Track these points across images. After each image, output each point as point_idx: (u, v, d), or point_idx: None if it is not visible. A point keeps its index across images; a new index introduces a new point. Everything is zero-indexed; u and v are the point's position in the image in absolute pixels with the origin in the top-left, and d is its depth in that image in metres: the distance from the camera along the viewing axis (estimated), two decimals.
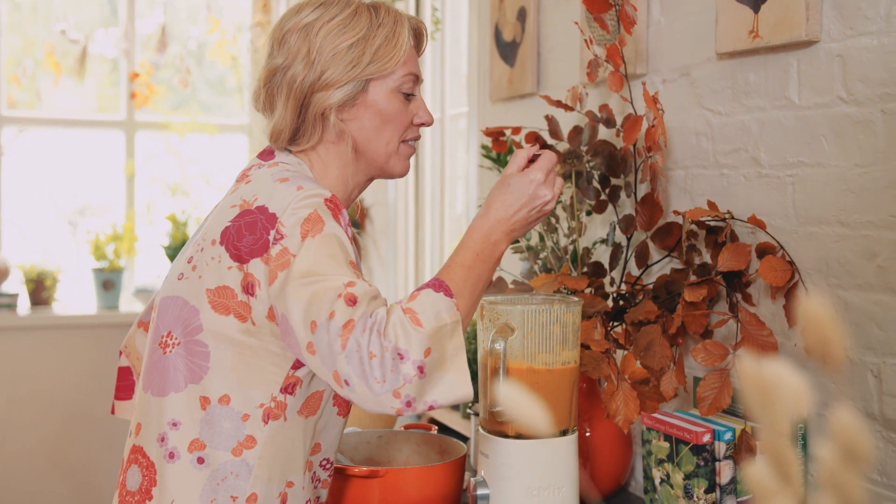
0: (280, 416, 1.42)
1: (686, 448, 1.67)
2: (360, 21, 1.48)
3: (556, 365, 1.66)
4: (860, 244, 1.58)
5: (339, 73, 1.46)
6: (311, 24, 1.47)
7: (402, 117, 1.53)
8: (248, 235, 1.37)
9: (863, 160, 1.57)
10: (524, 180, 1.46)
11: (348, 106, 1.49)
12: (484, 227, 1.45)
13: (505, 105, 2.71)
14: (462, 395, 1.31)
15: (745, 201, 1.82)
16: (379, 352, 1.25)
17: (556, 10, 2.46)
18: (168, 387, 1.43)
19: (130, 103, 4.74)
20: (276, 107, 1.50)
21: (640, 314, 1.83)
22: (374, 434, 1.99)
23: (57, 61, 4.63)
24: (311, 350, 1.30)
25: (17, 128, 4.62)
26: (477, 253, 1.42)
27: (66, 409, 4.28)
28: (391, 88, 1.50)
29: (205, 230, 1.46)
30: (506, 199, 1.46)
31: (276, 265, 1.33)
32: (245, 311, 1.38)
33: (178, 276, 1.46)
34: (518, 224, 1.46)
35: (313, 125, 1.48)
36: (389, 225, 3.81)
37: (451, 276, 1.39)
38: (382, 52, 1.48)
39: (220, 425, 1.40)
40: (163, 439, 1.42)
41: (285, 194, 1.38)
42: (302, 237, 1.33)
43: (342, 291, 1.29)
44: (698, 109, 1.94)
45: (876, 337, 1.56)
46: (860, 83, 1.57)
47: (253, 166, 1.51)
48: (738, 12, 1.78)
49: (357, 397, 1.27)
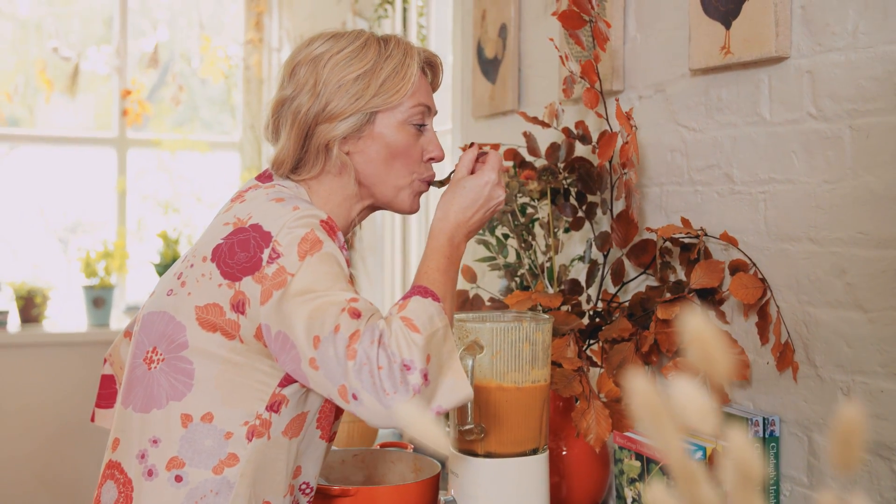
0: (264, 435, 1.41)
1: (657, 467, 1.65)
2: (368, 53, 1.47)
3: (526, 383, 1.65)
4: (829, 261, 1.57)
5: (344, 105, 1.45)
6: (321, 56, 1.47)
7: (411, 150, 1.51)
8: (241, 253, 1.36)
9: (831, 176, 1.56)
10: (479, 182, 1.48)
11: (354, 138, 1.48)
12: (447, 230, 1.46)
13: (487, 122, 2.71)
14: (464, 396, 1.32)
15: (719, 218, 1.81)
16: (386, 364, 1.25)
17: (535, 27, 2.46)
18: (150, 403, 1.41)
19: (122, 120, 4.74)
20: (280, 136, 1.50)
21: (615, 332, 1.82)
22: (348, 453, 1.98)
23: (49, 78, 4.63)
24: (314, 366, 1.28)
25: (8, 145, 4.62)
26: (447, 257, 1.44)
27: (55, 425, 4.27)
28: (399, 121, 1.49)
29: (196, 247, 1.45)
30: (462, 203, 1.47)
31: (272, 284, 1.32)
32: (233, 328, 1.37)
33: (167, 291, 1.45)
34: (475, 225, 1.49)
35: (316, 156, 1.48)
36: (377, 241, 3.81)
37: (432, 282, 1.40)
38: (389, 84, 1.47)
39: (202, 443, 1.39)
40: (143, 456, 1.41)
41: (281, 213, 1.37)
42: (300, 257, 1.33)
43: (345, 306, 1.29)
44: (673, 126, 1.94)
45: (845, 355, 1.55)
46: (828, 99, 1.57)
47: (250, 188, 1.51)
48: (710, 28, 1.78)
49: (365, 411, 1.26)
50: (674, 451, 0.48)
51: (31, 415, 4.26)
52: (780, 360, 1.64)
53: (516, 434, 1.65)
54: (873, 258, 1.50)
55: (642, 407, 0.47)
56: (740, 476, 0.46)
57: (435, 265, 1.42)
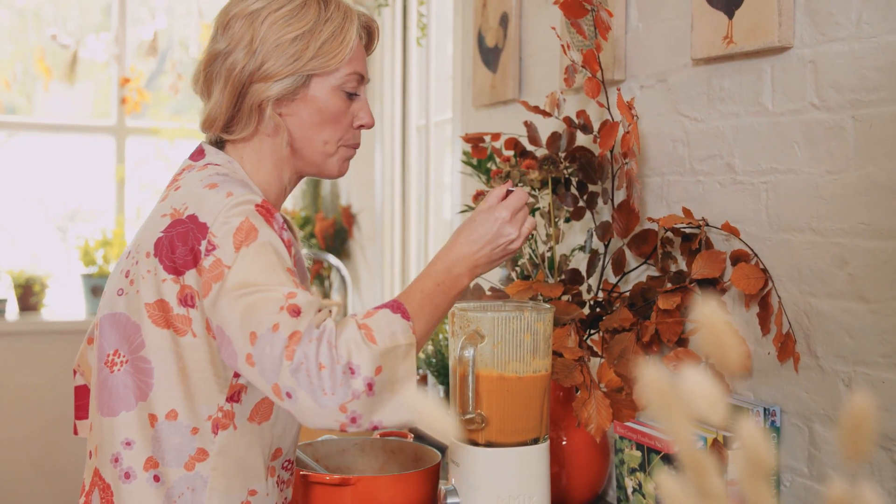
0: (229, 426, 1.40)
1: (658, 457, 1.65)
2: (308, 14, 1.43)
3: (527, 373, 1.65)
4: (832, 251, 1.57)
5: (280, 66, 1.42)
6: (258, 12, 1.43)
7: (342, 117, 1.49)
8: (181, 246, 1.34)
9: (834, 167, 1.56)
10: (490, 217, 1.45)
11: (287, 100, 1.45)
12: (448, 259, 1.43)
13: (488, 111, 2.70)
14: (407, 419, 1.30)
15: (721, 208, 1.81)
16: (329, 364, 1.23)
17: (537, 16, 2.45)
18: (118, 406, 1.40)
19: (121, 108, 4.73)
20: (212, 93, 1.46)
21: (616, 322, 1.82)
22: (349, 442, 1.98)
23: (47, 66, 4.62)
24: (249, 362, 1.27)
25: (7, 132, 4.61)
26: (438, 283, 1.41)
27: (53, 414, 4.27)
28: (333, 86, 1.46)
29: (138, 241, 1.43)
30: (470, 235, 1.44)
31: (210, 276, 1.31)
32: (184, 323, 1.35)
33: (118, 291, 1.42)
34: (482, 260, 1.44)
35: (249, 115, 1.44)
36: (376, 230, 3.80)
37: (409, 300, 1.37)
38: (327, 48, 1.44)
39: (170, 441, 1.38)
40: (116, 460, 1.39)
41: (215, 201, 1.35)
42: (236, 248, 1.30)
43: (283, 303, 1.26)
44: (675, 115, 1.93)
45: (847, 345, 1.54)
46: (832, 89, 1.56)
47: (184, 169, 1.48)
48: (712, 18, 1.77)
49: (299, 410, 1.25)
50: (684, 441, 0.48)
51: (29, 402, 4.26)
52: (781, 351, 1.63)
53: (517, 423, 1.65)
54: (875, 249, 1.49)
55: (653, 396, 0.46)
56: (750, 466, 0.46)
57: (421, 287, 1.40)
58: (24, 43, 4.69)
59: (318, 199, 4.21)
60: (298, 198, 4.42)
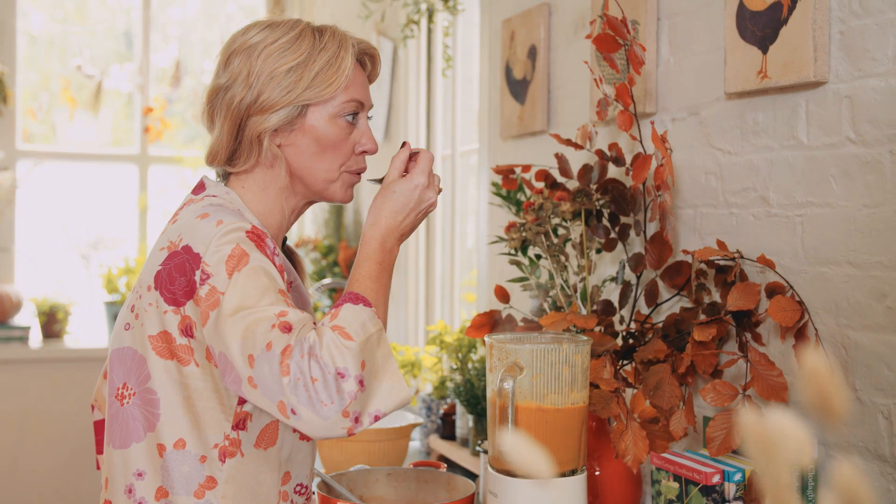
0: (236, 453, 1.42)
1: (696, 489, 1.66)
2: (303, 45, 1.46)
3: (565, 405, 1.66)
4: (870, 284, 1.58)
5: (276, 97, 1.44)
6: (255, 46, 1.46)
7: (342, 144, 1.51)
8: (179, 277, 1.37)
9: (871, 200, 1.57)
10: (409, 186, 1.48)
11: (286, 131, 1.48)
12: (378, 236, 1.46)
13: (515, 142, 2.73)
14: (401, 399, 1.33)
15: (755, 240, 1.82)
16: (320, 375, 1.25)
17: (566, 49, 2.48)
18: (129, 438, 1.43)
19: (144, 137, 4.77)
20: (215, 126, 1.50)
21: (650, 353, 1.83)
22: (382, 472, 1.99)
23: (72, 96, 4.67)
24: (252, 384, 1.29)
25: (32, 161, 4.66)
26: (379, 262, 1.45)
27: (76, 442, 4.28)
28: (331, 114, 1.48)
29: (141, 276, 1.46)
30: (393, 206, 1.47)
31: (207, 305, 1.34)
32: (187, 353, 1.38)
33: (125, 326, 1.46)
34: (407, 228, 1.49)
35: (249, 148, 1.47)
36: (400, 259, 3.82)
37: (363, 288, 1.41)
38: (322, 77, 1.46)
39: (179, 470, 1.40)
40: (130, 491, 1.42)
41: (206, 231, 1.38)
42: (228, 274, 1.33)
43: (275, 322, 1.29)
44: (707, 148, 1.95)
45: (886, 378, 1.55)
46: (868, 124, 1.58)
47: (185, 204, 1.51)
48: (746, 53, 1.79)
49: (304, 425, 1.27)
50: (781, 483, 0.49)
51: (52, 430, 4.28)
52: None
53: (555, 455, 1.66)
54: None
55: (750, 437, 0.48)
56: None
57: (367, 272, 1.43)
58: (50, 73, 4.74)
59: (342, 227, 4.23)
60: (322, 226, 4.44)
